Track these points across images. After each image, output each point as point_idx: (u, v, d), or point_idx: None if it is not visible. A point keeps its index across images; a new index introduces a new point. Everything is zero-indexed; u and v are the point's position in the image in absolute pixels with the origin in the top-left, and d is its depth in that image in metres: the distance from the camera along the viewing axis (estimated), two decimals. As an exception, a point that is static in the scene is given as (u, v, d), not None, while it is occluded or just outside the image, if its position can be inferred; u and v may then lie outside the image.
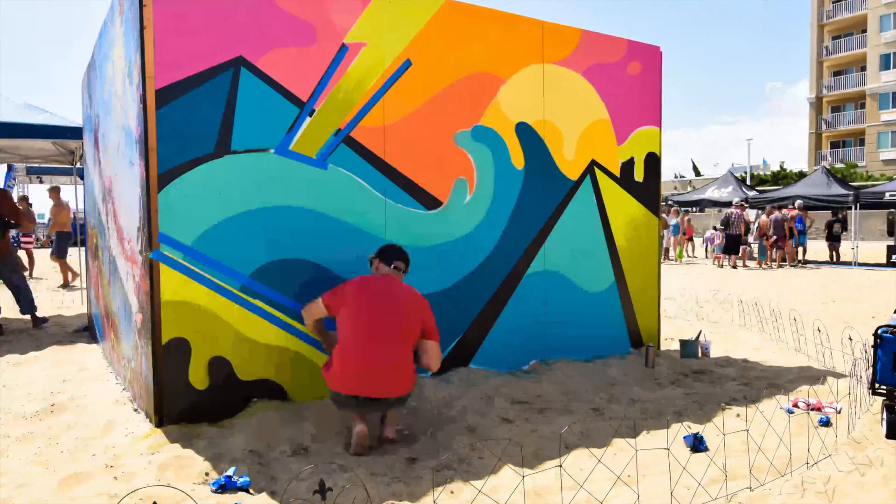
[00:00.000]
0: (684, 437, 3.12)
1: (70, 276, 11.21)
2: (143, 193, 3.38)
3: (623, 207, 5.21)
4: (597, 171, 5.04)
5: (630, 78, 5.21)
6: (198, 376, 3.48)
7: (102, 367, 4.89)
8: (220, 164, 3.52)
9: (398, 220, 4.09)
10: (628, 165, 5.23)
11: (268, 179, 3.65)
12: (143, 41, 3.29)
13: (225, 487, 2.66)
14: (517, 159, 4.59)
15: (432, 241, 4.24)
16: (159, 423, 3.37)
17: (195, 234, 3.46)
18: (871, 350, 3.92)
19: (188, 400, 3.45)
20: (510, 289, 4.60)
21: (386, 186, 4.05)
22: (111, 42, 4.15)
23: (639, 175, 5.31)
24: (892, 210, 20.91)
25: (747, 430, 3.01)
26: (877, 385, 3.32)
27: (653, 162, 5.39)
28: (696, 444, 3.06)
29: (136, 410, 3.73)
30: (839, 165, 39.47)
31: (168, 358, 3.40)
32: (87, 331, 6.42)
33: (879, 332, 3.33)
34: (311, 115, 3.78)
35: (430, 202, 4.23)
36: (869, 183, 25.50)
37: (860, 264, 16.20)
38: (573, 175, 4.91)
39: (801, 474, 2.79)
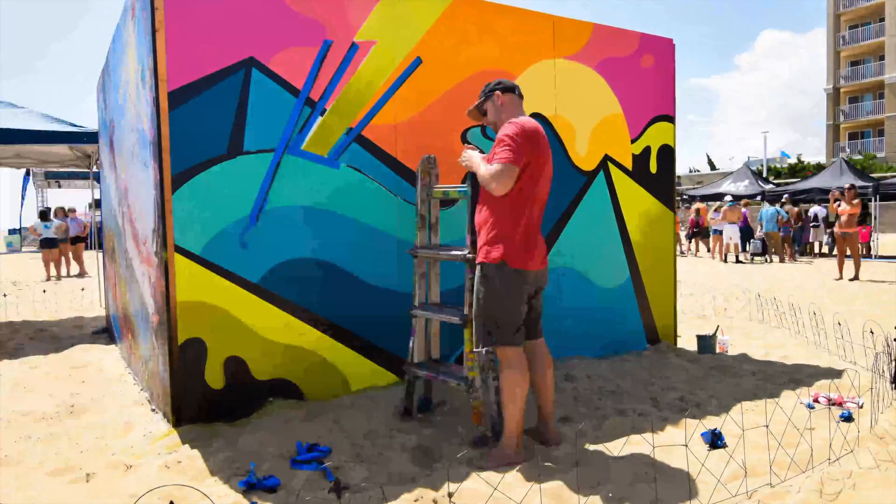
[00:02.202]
0: (702, 434, 3.08)
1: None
2: (158, 195, 3.41)
3: (637, 202, 5.16)
4: (610, 165, 5.00)
5: (643, 71, 5.15)
6: (214, 376, 3.51)
7: (121, 368, 4.94)
8: (234, 165, 3.54)
9: (411, 218, 4.09)
10: (642, 159, 5.18)
11: (280, 179, 3.66)
12: (156, 44, 3.31)
13: (254, 487, 2.66)
14: (529, 155, 4.56)
15: (445, 240, 4.22)
16: (176, 423, 3.40)
17: (209, 235, 3.48)
18: (894, 344, 3.85)
19: (204, 400, 3.47)
20: (524, 286, 4.57)
21: (399, 185, 4.05)
22: (124, 46, 4.18)
23: (653, 168, 5.25)
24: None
25: (767, 426, 2.96)
26: (900, 379, 3.25)
27: (667, 155, 5.34)
28: (715, 441, 3.02)
29: (153, 410, 3.77)
30: (857, 157, 38.84)
31: (184, 358, 3.42)
32: (106, 332, 6.50)
33: (902, 325, 3.26)
34: (322, 115, 3.78)
35: (442, 200, 4.22)
36: (889, 174, 25.05)
37: (880, 257, 15.93)
38: (587, 170, 4.87)
39: (822, 470, 2.74)
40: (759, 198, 19.11)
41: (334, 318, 3.84)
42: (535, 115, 4.58)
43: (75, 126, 7.45)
